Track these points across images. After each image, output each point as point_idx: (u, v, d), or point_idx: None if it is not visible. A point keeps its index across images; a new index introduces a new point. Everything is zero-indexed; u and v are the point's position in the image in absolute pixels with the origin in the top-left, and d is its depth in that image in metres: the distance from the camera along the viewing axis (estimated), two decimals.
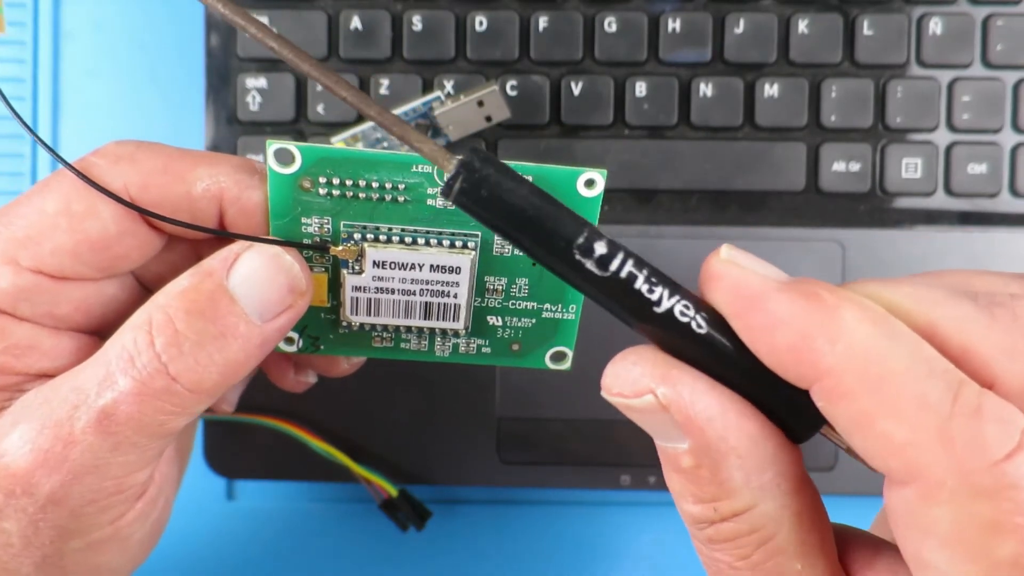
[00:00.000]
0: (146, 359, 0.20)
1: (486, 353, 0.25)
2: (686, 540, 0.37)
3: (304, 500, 0.37)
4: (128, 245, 0.22)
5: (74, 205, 0.21)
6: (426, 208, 0.22)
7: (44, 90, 0.37)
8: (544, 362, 0.25)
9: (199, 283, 0.20)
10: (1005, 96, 0.35)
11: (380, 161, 0.21)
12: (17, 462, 0.20)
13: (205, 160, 0.22)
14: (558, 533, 0.37)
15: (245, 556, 0.37)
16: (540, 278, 0.23)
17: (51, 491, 0.20)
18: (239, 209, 0.22)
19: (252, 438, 0.35)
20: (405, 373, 0.35)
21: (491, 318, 0.24)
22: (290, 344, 0.24)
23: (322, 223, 0.22)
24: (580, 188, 0.22)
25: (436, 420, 0.35)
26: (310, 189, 0.21)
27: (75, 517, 0.21)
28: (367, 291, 0.23)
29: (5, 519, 0.21)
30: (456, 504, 0.37)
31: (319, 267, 0.23)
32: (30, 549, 0.21)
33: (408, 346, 0.24)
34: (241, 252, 0.21)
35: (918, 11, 0.35)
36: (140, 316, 0.21)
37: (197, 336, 0.20)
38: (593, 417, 0.35)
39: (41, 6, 0.37)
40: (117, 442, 0.20)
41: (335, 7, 0.35)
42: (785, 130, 0.35)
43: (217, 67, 0.35)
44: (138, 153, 0.22)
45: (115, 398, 0.20)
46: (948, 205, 0.35)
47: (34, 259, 0.21)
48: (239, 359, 0.21)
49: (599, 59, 0.35)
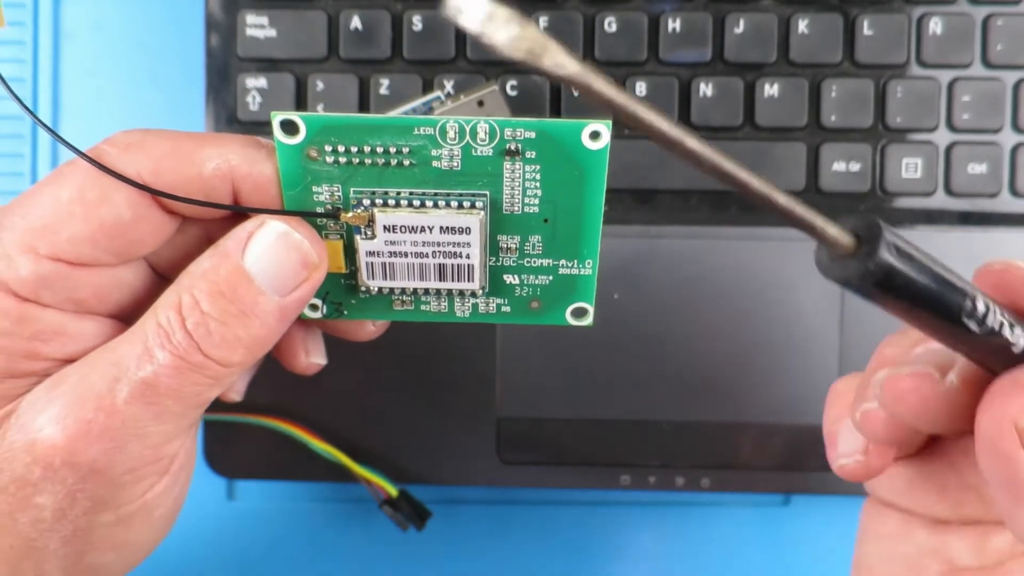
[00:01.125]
0: (180, 336, 0.21)
1: (506, 312, 0.25)
2: (686, 540, 0.37)
3: (304, 500, 0.37)
4: (143, 230, 0.22)
5: (88, 193, 0.22)
6: (432, 170, 0.22)
7: (44, 90, 0.37)
8: (565, 318, 0.25)
9: (217, 265, 0.21)
10: (1005, 96, 0.35)
11: (382, 126, 0.22)
12: (58, 434, 0.21)
13: (213, 140, 0.22)
14: (558, 533, 0.37)
15: (245, 556, 0.37)
16: (553, 235, 0.23)
17: (93, 459, 0.21)
18: (252, 184, 0.22)
19: (252, 438, 0.35)
20: (405, 373, 0.35)
21: (507, 277, 0.24)
22: (314, 311, 0.25)
23: (332, 191, 0.22)
24: (586, 141, 0.22)
25: (436, 420, 0.35)
26: (317, 158, 0.22)
27: (112, 487, 0.22)
28: (381, 255, 0.23)
29: (40, 493, 0.21)
30: (456, 504, 0.37)
31: (334, 234, 0.23)
32: (62, 523, 0.22)
33: (428, 308, 0.25)
34: (254, 231, 0.22)
35: (918, 11, 0.35)
36: (170, 296, 0.22)
37: (221, 316, 0.21)
38: (593, 417, 0.35)
39: (41, 6, 0.37)
40: (159, 412, 0.22)
41: (335, 7, 0.35)
42: (785, 130, 0.35)
43: (217, 67, 0.35)
44: (147, 139, 0.22)
45: (155, 371, 0.21)
46: (948, 205, 0.35)
47: (52, 247, 0.22)
48: (262, 333, 0.22)
49: (599, 59, 0.35)
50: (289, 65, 0.35)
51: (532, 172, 0.22)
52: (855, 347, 0.35)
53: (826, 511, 0.36)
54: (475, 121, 0.21)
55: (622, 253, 0.35)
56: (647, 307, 0.35)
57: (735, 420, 0.35)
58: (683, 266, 0.35)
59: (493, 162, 0.22)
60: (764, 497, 0.37)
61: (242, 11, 0.35)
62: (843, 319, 0.35)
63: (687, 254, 0.35)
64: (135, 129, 0.22)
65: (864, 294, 0.16)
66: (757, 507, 0.37)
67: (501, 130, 0.22)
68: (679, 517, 0.37)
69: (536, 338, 0.35)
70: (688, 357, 0.35)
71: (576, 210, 0.23)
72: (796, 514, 0.37)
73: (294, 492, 0.37)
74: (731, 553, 0.37)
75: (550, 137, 0.22)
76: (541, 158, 0.22)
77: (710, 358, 0.35)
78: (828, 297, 0.35)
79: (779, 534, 0.37)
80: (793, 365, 0.35)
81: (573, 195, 0.23)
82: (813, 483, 0.35)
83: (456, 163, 0.22)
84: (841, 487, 0.35)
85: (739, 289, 0.35)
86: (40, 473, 0.21)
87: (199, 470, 0.35)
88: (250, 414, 0.34)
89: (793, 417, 0.35)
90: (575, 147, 0.22)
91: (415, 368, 0.35)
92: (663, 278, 0.35)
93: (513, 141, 0.22)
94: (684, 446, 0.35)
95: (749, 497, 0.37)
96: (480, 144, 0.22)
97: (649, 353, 0.35)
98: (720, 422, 0.35)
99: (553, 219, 0.23)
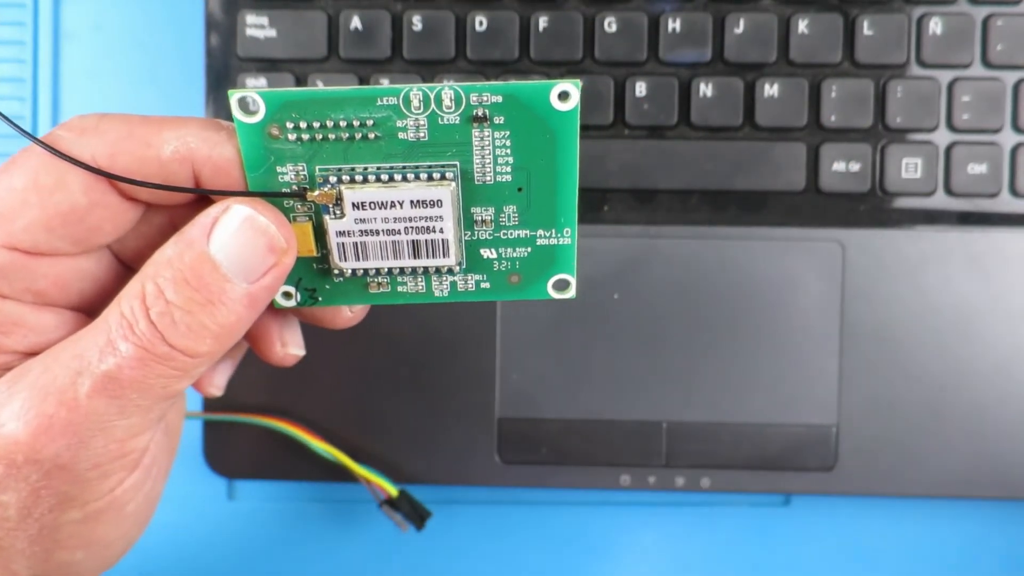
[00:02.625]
0: (144, 326, 0.20)
1: (485, 289, 0.24)
2: (686, 540, 0.37)
3: (304, 500, 0.37)
4: (101, 216, 0.22)
5: (42, 179, 0.21)
6: (398, 142, 0.21)
7: (44, 90, 0.37)
8: (547, 291, 0.24)
9: (182, 252, 0.21)
10: (1005, 96, 0.35)
11: (343, 98, 0.21)
12: (20, 429, 0.20)
13: (170, 123, 0.22)
14: (558, 533, 0.37)
15: (245, 556, 0.37)
16: (528, 204, 0.23)
17: (56, 454, 0.21)
18: (212, 167, 0.22)
19: (252, 438, 0.35)
20: (406, 373, 0.35)
21: (484, 251, 0.23)
22: (288, 299, 0.24)
23: (297, 170, 0.22)
24: (554, 102, 0.21)
25: (436, 420, 0.35)
26: (279, 136, 0.21)
27: (78, 483, 0.21)
28: (351, 235, 0.22)
29: (4, 491, 0.21)
30: (456, 504, 0.37)
31: (303, 216, 0.22)
32: (27, 522, 0.21)
33: (405, 289, 0.24)
34: (219, 216, 0.21)
35: (918, 11, 0.35)
36: (134, 286, 0.21)
37: (186, 304, 0.21)
38: (593, 417, 0.35)
39: (41, 6, 0.37)
40: (122, 405, 0.21)
41: (335, 7, 0.35)
42: (785, 130, 0.35)
43: (217, 67, 0.35)
44: (102, 123, 0.21)
45: (118, 363, 0.20)
46: (948, 205, 0.35)
47: (7, 236, 0.21)
48: (230, 322, 0.21)
49: (599, 59, 0.35)
50: (289, 65, 0.35)
51: (502, 138, 0.22)
52: (855, 347, 0.35)
53: (826, 511, 0.36)
54: (439, 88, 0.21)
55: (622, 253, 0.35)
56: (647, 307, 0.35)
57: (735, 420, 0.35)
58: (682, 266, 0.35)
59: (461, 130, 0.21)
60: (764, 497, 0.37)
61: (242, 11, 0.35)
62: (843, 319, 0.35)
63: (687, 254, 0.35)
64: (91, 113, 0.22)
65: None
66: (757, 507, 0.37)
67: (467, 95, 0.21)
68: (679, 517, 0.37)
69: (536, 338, 0.35)
70: (688, 357, 0.35)
71: (550, 176, 0.22)
72: (796, 514, 0.37)
73: (294, 492, 0.37)
74: (731, 553, 0.37)
75: (517, 100, 0.21)
76: (510, 123, 0.21)
77: (710, 358, 0.35)
78: (828, 297, 0.35)
79: (779, 534, 0.37)
80: (793, 365, 0.35)
81: (546, 160, 0.22)
82: (813, 483, 0.35)
83: (423, 133, 0.21)
84: (841, 487, 0.35)
85: (739, 289, 0.35)
86: (3, 471, 0.21)
87: (199, 470, 0.35)
88: (250, 414, 0.34)
89: (793, 417, 0.35)
90: (544, 109, 0.21)
91: (415, 368, 0.35)
92: (663, 278, 0.35)
93: (480, 107, 0.21)
94: (684, 446, 0.35)
95: (749, 497, 0.37)
96: (446, 112, 0.21)
97: (649, 353, 0.35)
98: (720, 422, 0.35)
99: (527, 187, 0.22)
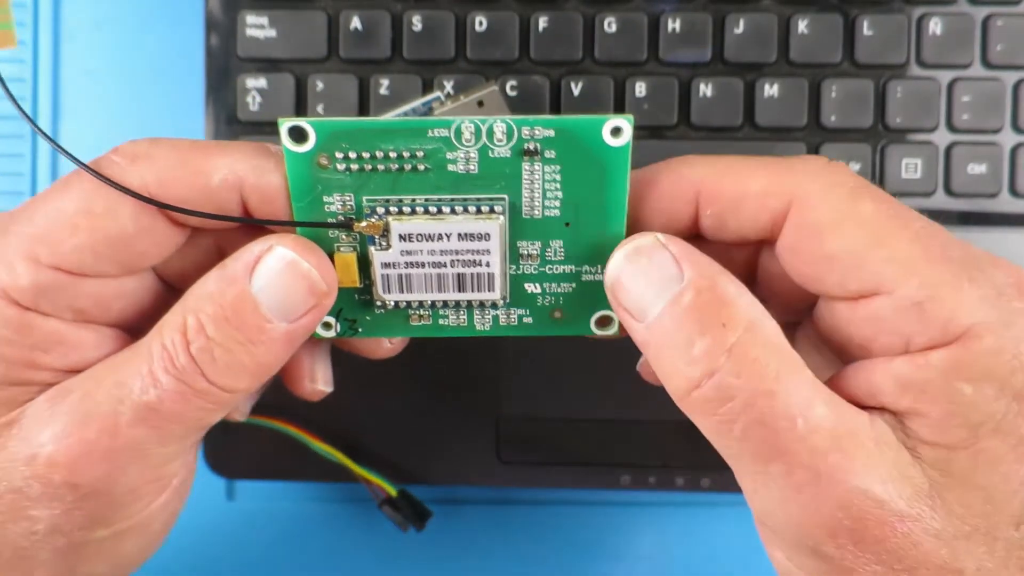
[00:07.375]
0: (184, 361, 0.21)
1: (528, 324, 0.24)
2: (686, 540, 0.37)
3: (304, 500, 0.37)
4: (147, 242, 0.22)
5: (94, 205, 0.21)
6: (448, 174, 0.21)
7: (44, 90, 0.37)
8: (590, 328, 0.24)
9: (224, 289, 0.21)
10: (1005, 96, 0.35)
11: (394, 129, 0.21)
12: (61, 452, 0.21)
13: (220, 149, 0.22)
14: (558, 533, 0.37)
15: (245, 556, 0.37)
16: (575, 240, 0.22)
17: (95, 480, 0.21)
18: (260, 196, 0.22)
19: (252, 438, 0.35)
20: (405, 373, 0.35)
21: (529, 285, 0.23)
22: (328, 329, 0.24)
23: (344, 200, 0.22)
24: (607, 138, 0.21)
25: (436, 420, 0.35)
26: (327, 166, 0.21)
27: (112, 507, 0.22)
28: (397, 267, 0.22)
29: (36, 507, 0.21)
30: (456, 504, 0.37)
31: (347, 246, 0.22)
32: (54, 536, 0.22)
33: (447, 322, 0.24)
34: (262, 255, 0.21)
35: (918, 11, 0.35)
36: (175, 317, 0.21)
37: (226, 342, 0.21)
38: (593, 417, 0.35)
39: (41, 6, 0.37)
40: (162, 435, 0.21)
41: (335, 7, 0.35)
42: (785, 130, 0.35)
43: (217, 67, 0.35)
44: (153, 150, 0.22)
45: (159, 395, 0.21)
46: (948, 205, 0.35)
47: (53, 257, 0.21)
48: (268, 360, 0.22)
49: (599, 59, 0.35)
50: (289, 65, 0.35)
51: (552, 173, 0.21)
52: None
53: None
54: (492, 121, 0.21)
55: None
56: None
57: None
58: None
59: (511, 163, 0.21)
60: None
61: (242, 11, 0.35)
62: None
63: None
64: (142, 139, 0.22)
65: None
66: None
67: (519, 129, 0.21)
68: (679, 517, 0.37)
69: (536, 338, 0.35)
70: None
71: (598, 212, 0.22)
72: None
73: (294, 492, 0.37)
74: (731, 553, 0.37)
75: (570, 134, 0.21)
76: (561, 157, 0.21)
77: None
78: None
79: None
80: None
81: (595, 196, 0.22)
82: None
83: (473, 166, 0.21)
84: None
85: None
86: (39, 489, 0.21)
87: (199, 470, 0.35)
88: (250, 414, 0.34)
89: None
90: (596, 144, 0.21)
91: (415, 368, 0.35)
92: None
93: (531, 140, 0.21)
94: (684, 446, 0.35)
95: None
96: (497, 145, 0.21)
97: None
98: None
99: (575, 222, 0.22)
